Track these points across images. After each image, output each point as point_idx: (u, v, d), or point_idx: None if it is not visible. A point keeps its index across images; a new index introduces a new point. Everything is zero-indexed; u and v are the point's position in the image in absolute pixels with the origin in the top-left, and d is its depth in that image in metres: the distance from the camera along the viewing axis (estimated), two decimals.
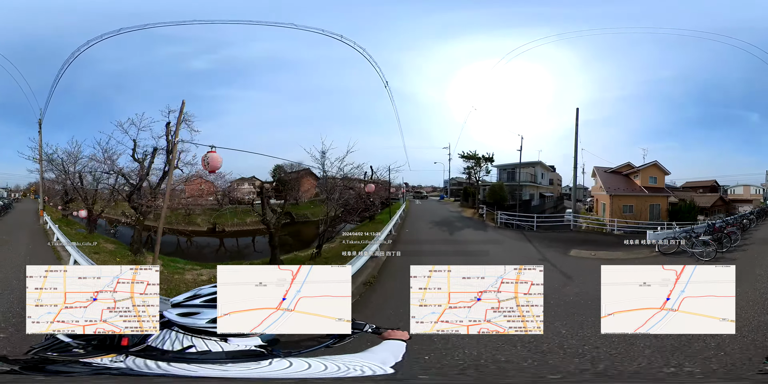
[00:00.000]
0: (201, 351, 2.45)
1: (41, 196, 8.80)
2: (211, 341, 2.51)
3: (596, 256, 8.98)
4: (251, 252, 10.93)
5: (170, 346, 2.49)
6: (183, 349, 2.46)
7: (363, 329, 2.92)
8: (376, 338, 2.95)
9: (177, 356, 2.41)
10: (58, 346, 2.62)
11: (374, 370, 2.52)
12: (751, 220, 8.80)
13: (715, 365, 5.16)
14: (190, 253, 10.15)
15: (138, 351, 2.49)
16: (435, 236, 11.62)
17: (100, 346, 2.61)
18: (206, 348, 2.47)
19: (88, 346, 2.60)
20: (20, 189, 10.14)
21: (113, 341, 2.61)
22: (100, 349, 2.58)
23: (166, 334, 2.56)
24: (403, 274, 3.00)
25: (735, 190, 11.14)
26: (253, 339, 2.64)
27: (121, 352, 2.49)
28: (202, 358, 2.40)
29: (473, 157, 13.37)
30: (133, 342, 2.57)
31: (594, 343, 5.85)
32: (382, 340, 2.91)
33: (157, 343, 2.54)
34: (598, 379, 4.77)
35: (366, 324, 2.95)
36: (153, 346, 2.53)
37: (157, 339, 2.56)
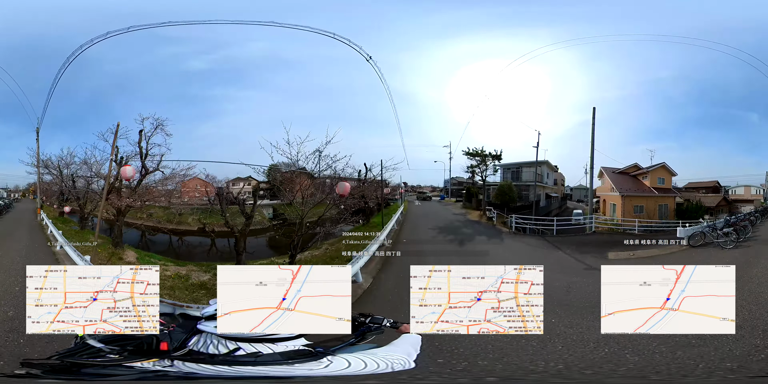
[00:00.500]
0: (251, 353, 2.49)
1: (38, 197, 9.57)
2: (257, 344, 2.55)
3: (636, 256, 8.87)
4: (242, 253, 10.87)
5: (216, 349, 2.52)
6: (231, 352, 2.49)
7: (382, 324, 2.99)
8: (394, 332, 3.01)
9: (229, 359, 2.45)
10: (87, 351, 2.60)
11: (403, 364, 2.59)
12: (756, 217, 9.86)
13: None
14: (180, 253, 10.33)
15: (183, 355, 2.51)
16: (441, 247, 9.98)
17: (137, 350, 2.60)
18: (255, 350, 2.52)
19: (123, 351, 2.59)
20: (19, 189, 10.78)
21: (150, 345, 2.61)
22: (138, 353, 2.57)
23: (206, 338, 2.59)
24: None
25: (736, 190, 11.51)
26: (300, 340, 2.69)
27: (162, 356, 2.50)
28: (257, 360, 2.44)
29: (479, 154, 12.16)
30: (173, 346, 2.56)
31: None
32: (400, 333, 2.96)
33: (199, 347, 2.56)
34: (599, 379, 4.76)
35: (384, 318, 3.01)
36: (196, 350, 2.55)
37: (198, 343, 2.58)
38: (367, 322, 2.98)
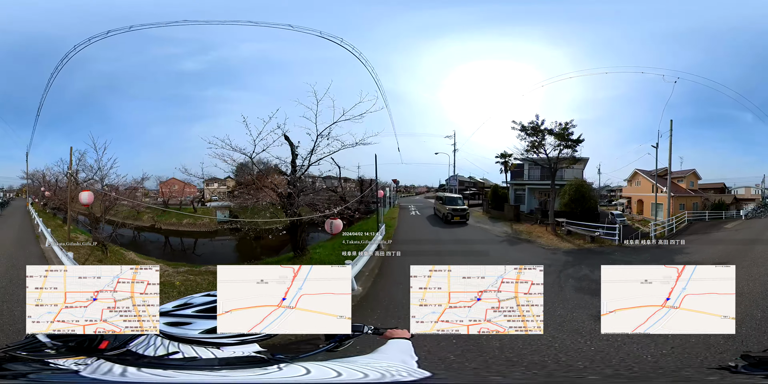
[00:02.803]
0: (187, 357, 2.28)
1: (27, 196, 12.61)
2: (200, 348, 2.35)
3: (732, 227, 10.80)
4: (190, 253, 10.93)
5: (153, 351, 2.31)
6: (165, 355, 2.28)
7: (363, 331, 2.91)
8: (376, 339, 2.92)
9: (154, 362, 2.21)
10: (32, 346, 2.45)
11: (410, 372, 2.34)
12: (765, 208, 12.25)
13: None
14: (137, 245, 11.16)
15: (113, 355, 2.30)
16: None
17: (77, 347, 2.45)
18: (194, 354, 2.30)
19: (62, 348, 2.44)
20: (13, 189, 13.63)
21: (92, 343, 2.46)
22: (74, 350, 2.42)
23: (150, 339, 2.40)
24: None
25: (738, 191, 12.83)
26: (251, 346, 2.50)
27: (93, 354, 2.29)
28: (186, 365, 2.21)
29: (537, 129, 7.80)
30: (113, 345, 2.39)
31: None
32: (385, 340, 2.89)
33: (139, 347, 2.37)
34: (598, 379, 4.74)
35: (364, 325, 2.94)
36: (133, 350, 2.35)
37: (139, 344, 2.40)
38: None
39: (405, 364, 2.46)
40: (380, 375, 2.19)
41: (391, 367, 2.33)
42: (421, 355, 2.74)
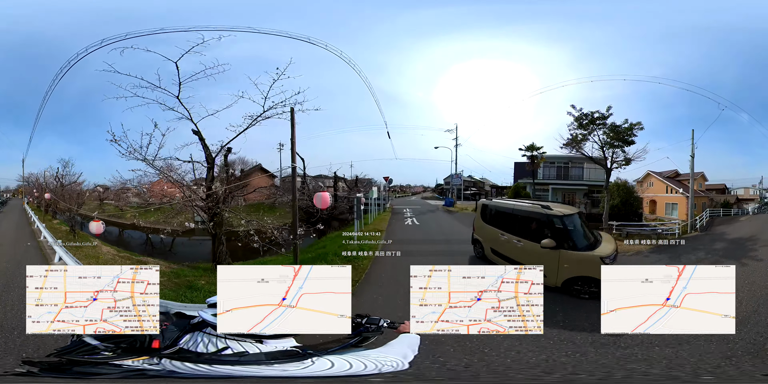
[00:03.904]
0: (237, 352, 2.50)
1: (23, 196, 13.80)
2: (246, 343, 2.57)
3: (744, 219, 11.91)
4: (165, 250, 11.23)
5: (204, 348, 2.53)
6: (218, 351, 2.50)
7: (379, 324, 2.98)
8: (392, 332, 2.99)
9: (213, 358, 2.46)
10: (83, 349, 2.63)
11: (395, 365, 2.61)
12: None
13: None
14: (121, 242, 11.72)
15: (172, 353, 2.52)
16: None
17: (130, 348, 2.63)
18: (242, 349, 2.52)
19: (117, 349, 2.63)
20: (10, 190, 14.43)
21: (143, 344, 2.64)
22: (130, 351, 2.60)
23: (198, 336, 2.60)
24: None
25: (737, 191, 13.51)
26: (288, 340, 2.69)
27: (153, 354, 2.52)
28: (241, 360, 2.45)
29: (589, 118, 6.57)
30: (164, 344, 2.59)
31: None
32: (398, 333, 2.95)
33: (189, 345, 2.57)
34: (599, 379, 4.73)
35: (380, 319, 3.00)
36: (186, 348, 2.56)
37: (189, 341, 2.59)
38: (364, 322, 2.96)
39: (404, 359, 2.68)
40: (374, 366, 2.55)
41: (387, 360, 2.61)
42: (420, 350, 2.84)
